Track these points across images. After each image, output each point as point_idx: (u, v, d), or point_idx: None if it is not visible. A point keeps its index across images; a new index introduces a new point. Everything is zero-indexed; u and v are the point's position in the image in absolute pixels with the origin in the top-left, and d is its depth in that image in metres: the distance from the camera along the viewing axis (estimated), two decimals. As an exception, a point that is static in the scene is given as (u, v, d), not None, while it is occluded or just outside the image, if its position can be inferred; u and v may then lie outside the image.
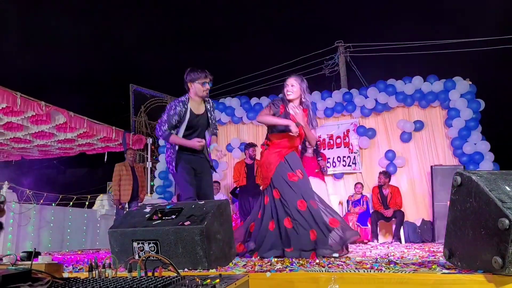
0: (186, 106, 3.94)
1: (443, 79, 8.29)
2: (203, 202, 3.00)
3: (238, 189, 8.14)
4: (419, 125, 8.42)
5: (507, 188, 2.03)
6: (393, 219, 7.55)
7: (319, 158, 7.37)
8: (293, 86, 3.98)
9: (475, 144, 7.86)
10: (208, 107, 4.14)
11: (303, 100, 4.01)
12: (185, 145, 3.91)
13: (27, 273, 1.60)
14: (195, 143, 3.88)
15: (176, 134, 3.94)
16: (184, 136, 3.95)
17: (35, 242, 7.77)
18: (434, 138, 8.46)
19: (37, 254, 2.22)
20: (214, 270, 2.58)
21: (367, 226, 7.69)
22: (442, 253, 2.35)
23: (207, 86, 4.02)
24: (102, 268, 1.97)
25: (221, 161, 9.53)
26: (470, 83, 8.20)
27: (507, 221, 1.83)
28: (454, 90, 8.10)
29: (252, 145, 7.92)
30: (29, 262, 2.03)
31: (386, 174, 7.79)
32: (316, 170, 7.21)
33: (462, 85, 8.10)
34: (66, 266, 3.08)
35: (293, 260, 3.13)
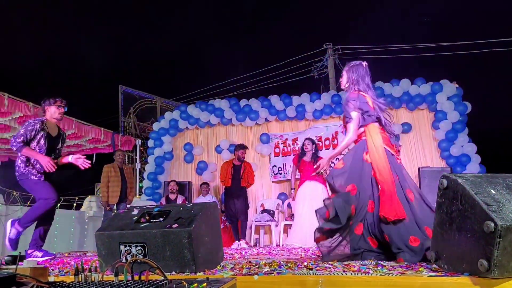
0: (44, 126, 4.57)
1: (430, 82, 8.38)
2: (191, 204, 2.99)
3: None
4: (406, 127, 8.49)
5: (493, 191, 2.05)
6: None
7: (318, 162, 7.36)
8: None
9: (462, 146, 7.95)
10: (62, 133, 4.87)
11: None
12: (35, 158, 4.42)
13: (12, 277, 1.58)
14: (45, 162, 4.37)
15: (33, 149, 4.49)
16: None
17: (21, 245, 7.67)
18: (422, 140, 8.54)
19: (22, 258, 2.20)
20: (201, 273, 2.57)
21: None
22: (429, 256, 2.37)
23: (62, 109, 4.74)
24: (88, 271, 1.95)
25: (210, 162, 9.51)
26: (457, 86, 8.29)
27: (492, 224, 1.85)
28: (441, 93, 8.18)
29: (243, 147, 7.86)
30: (14, 266, 2.00)
31: None
32: (312, 174, 7.21)
33: (449, 88, 8.19)
34: (52, 269, 3.05)
35: (281, 262, 3.13)
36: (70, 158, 4.63)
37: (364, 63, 3.76)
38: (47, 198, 4.43)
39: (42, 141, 4.48)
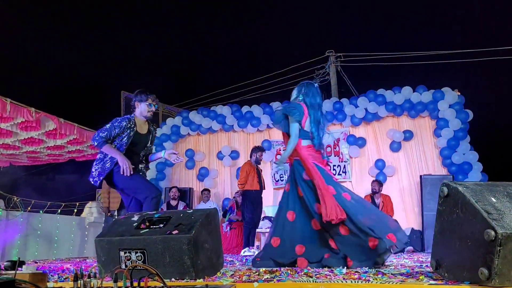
0: (132, 124, 4.21)
1: (432, 89, 8.38)
2: (191, 210, 2.99)
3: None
4: (408, 135, 8.48)
5: (493, 199, 2.04)
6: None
7: None
8: None
9: (463, 154, 7.94)
10: (152, 129, 4.45)
11: None
12: (115, 156, 4.07)
13: (10, 283, 1.58)
14: (124, 162, 4.02)
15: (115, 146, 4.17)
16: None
17: (21, 250, 7.67)
18: (423, 147, 8.53)
19: (21, 263, 2.19)
20: (201, 280, 2.56)
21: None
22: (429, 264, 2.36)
23: (153, 108, 4.37)
24: (87, 277, 1.95)
25: (212, 168, 9.51)
26: (459, 93, 8.29)
27: (493, 233, 1.84)
28: (442, 100, 8.18)
29: (262, 149, 7.64)
30: (13, 272, 2.00)
31: (380, 183, 7.87)
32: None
33: (451, 95, 8.19)
34: (51, 275, 3.04)
35: (282, 270, 3.12)
36: (162, 154, 4.44)
37: (316, 84, 4.12)
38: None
39: (125, 140, 4.14)
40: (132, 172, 4.03)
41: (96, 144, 4.11)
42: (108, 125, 4.14)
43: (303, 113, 3.86)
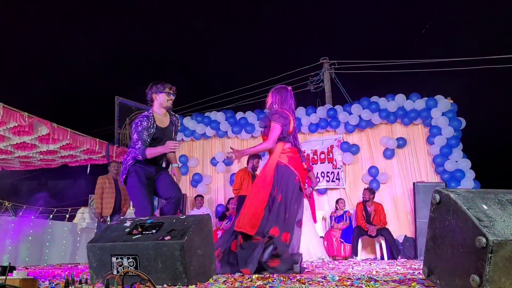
0: (151, 120, 4.03)
1: (425, 97, 8.44)
2: (184, 216, 2.98)
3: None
4: (401, 142, 8.52)
5: (485, 206, 2.05)
6: (378, 236, 7.58)
7: None
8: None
9: (456, 161, 7.98)
10: (174, 119, 4.27)
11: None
12: (160, 152, 3.97)
13: (0, 288, 1.56)
14: (167, 147, 3.93)
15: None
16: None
17: (12, 256, 7.59)
18: (417, 155, 8.57)
19: (12, 268, 2.17)
20: (193, 286, 2.55)
21: (351, 242, 7.68)
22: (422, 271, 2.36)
23: (172, 97, 4.16)
24: (78, 283, 1.94)
25: (205, 174, 9.49)
26: (452, 101, 8.35)
27: (484, 240, 1.85)
28: (435, 108, 8.23)
29: (258, 156, 7.58)
30: (3, 277, 1.98)
31: (371, 191, 7.85)
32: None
33: (444, 103, 8.25)
34: (42, 281, 3.02)
35: (275, 276, 3.11)
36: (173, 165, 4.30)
37: (289, 88, 4.17)
38: (137, 205, 3.96)
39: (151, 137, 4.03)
40: (177, 145, 3.98)
41: (141, 157, 3.94)
42: (135, 135, 3.96)
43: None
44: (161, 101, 4.11)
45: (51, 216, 9.24)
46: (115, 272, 2.64)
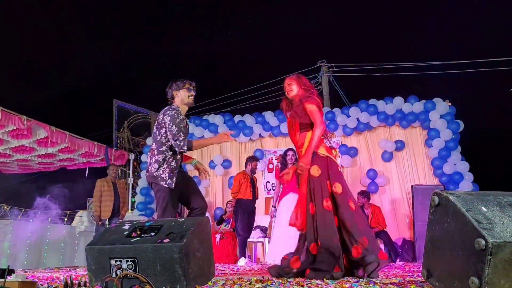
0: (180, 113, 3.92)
1: (423, 100, 8.45)
2: (183, 219, 2.98)
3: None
4: (400, 145, 8.53)
5: (484, 208, 2.06)
6: (377, 239, 7.56)
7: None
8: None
9: (454, 164, 7.99)
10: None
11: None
12: (211, 143, 3.90)
13: (-1, 291, 1.56)
14: (222, 138, 3.85)
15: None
16: None
17: (11, 259, 7.57)
18: (415, 157, 8.58)
19: (10, 271, 2.17)
20: (192, 289, 2.55)
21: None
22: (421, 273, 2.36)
23: (193, 93, 4.04)
24: (77, 286, 1.93)
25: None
26: (450, 104, 8.36)
27: (483, 242, 1.85)
28: (434, 111, 8.24)
29: (256, 159, 7.64)
30: (2, 280, 1.98)
31: (364, 194, 7.77)
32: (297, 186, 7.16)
33: (442, 106, 8.26)
34: (41, 284, 3.01)
35: (273, 279, 3.11)
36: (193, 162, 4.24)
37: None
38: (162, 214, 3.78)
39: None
40: (233, 132, 3.88)
41: (186, 149, 3.81)
42: (174, 128, 3.77)
43: None
44: (182, 98, 3.99)
45: (49, 219, 9.21)
46: (114, 275, 2.63)
